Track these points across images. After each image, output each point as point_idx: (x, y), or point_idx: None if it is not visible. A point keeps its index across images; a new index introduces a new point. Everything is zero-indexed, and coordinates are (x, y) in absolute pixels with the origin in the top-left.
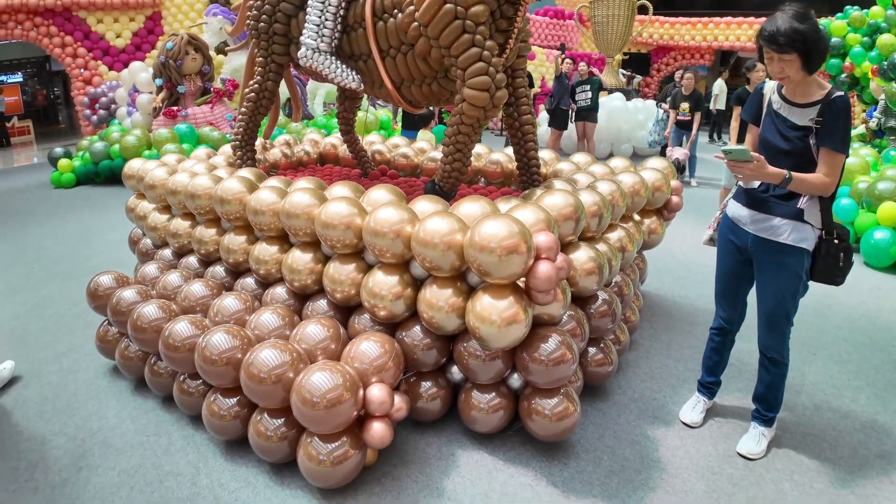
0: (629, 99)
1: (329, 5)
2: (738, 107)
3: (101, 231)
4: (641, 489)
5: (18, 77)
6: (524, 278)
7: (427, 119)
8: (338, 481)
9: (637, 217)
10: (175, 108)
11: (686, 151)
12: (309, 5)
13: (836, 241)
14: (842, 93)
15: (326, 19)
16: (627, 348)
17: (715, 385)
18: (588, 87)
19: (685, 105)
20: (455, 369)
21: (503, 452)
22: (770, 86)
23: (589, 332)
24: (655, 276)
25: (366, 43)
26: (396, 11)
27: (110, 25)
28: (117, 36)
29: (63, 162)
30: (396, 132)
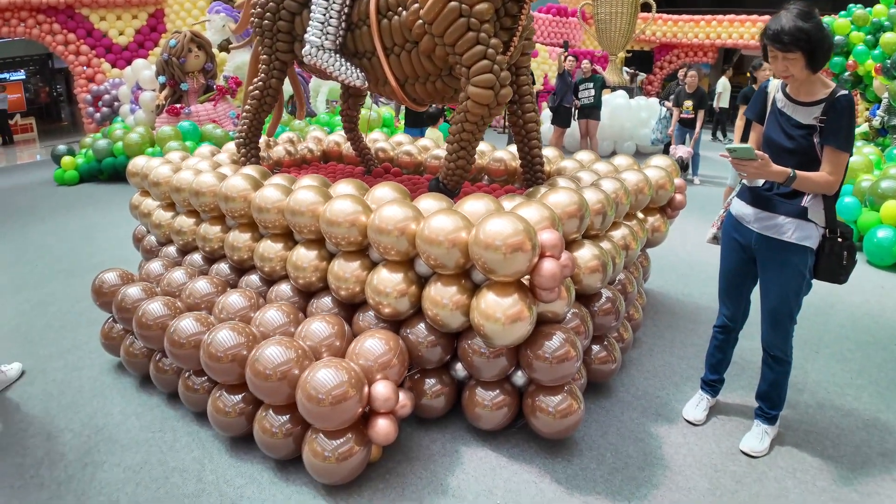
0: (632, 97)
1: (333, 3)
2: (744, 105)
3: (105, 228)
4: (645, 486)
5: (21, 74)
6: (529, 276)
7: (435, 117)
8: (343, 478)
9: (641, 215)
10: (178, 106)
11: (689, 149)
12: (313, 3)
13: (840, 240)
14: (846, 91)
15: (331, 17)
16: (631, 346)
17: (718, 383)
18: (591, 85)
19: (689, 103)
20: (459, 366)
21: (507, 449)
22: (774, 84)
23: (593, 330)
24: (659, 274)
25: (370, 40)
26: (401, 9)
27: (113, 23)
28: (120, 33)
29: (66, 159)
30: (399, 130)
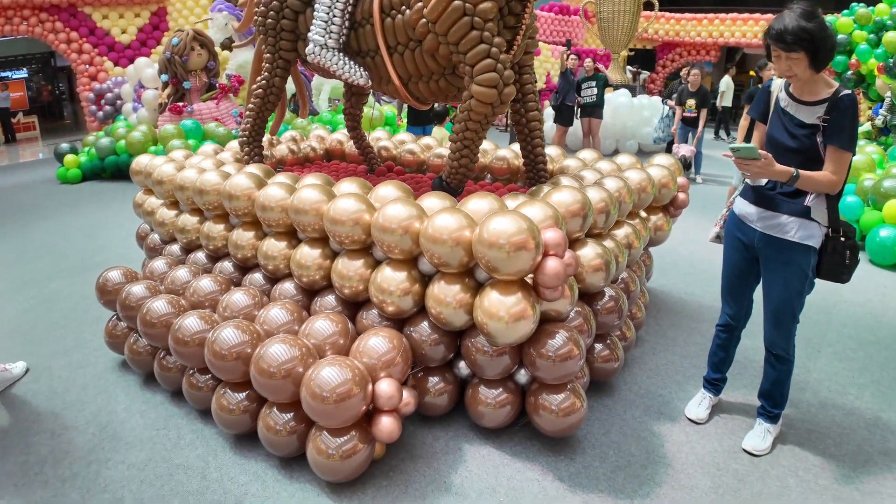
0: (635, 95)
1: (337, 1)
2: (750, 105)
3: (108, 226)
4: (647, 484)
5: (23, 73)
6: (532, 274)
7: (442, 115)
8: (346, 475)
9: (643, 214)
10: (181, 104)
11: (692, 148)
12: (317, 1)
13: (843, 239)
14: (849, 91)
15: (334, 15)
16: (633, 345)
17: (720, 381)
18: (593, 84)
19: (691, 102)
20: (462, 365)
21: (510, 447)
22: (777, 83)
23: (595, 329)
24: (661, 273)
25: (373, 39)
26: (404, 8)
27: (116, 21)
28: (122, 32)
29: (69, 158)
30: (401, 128)
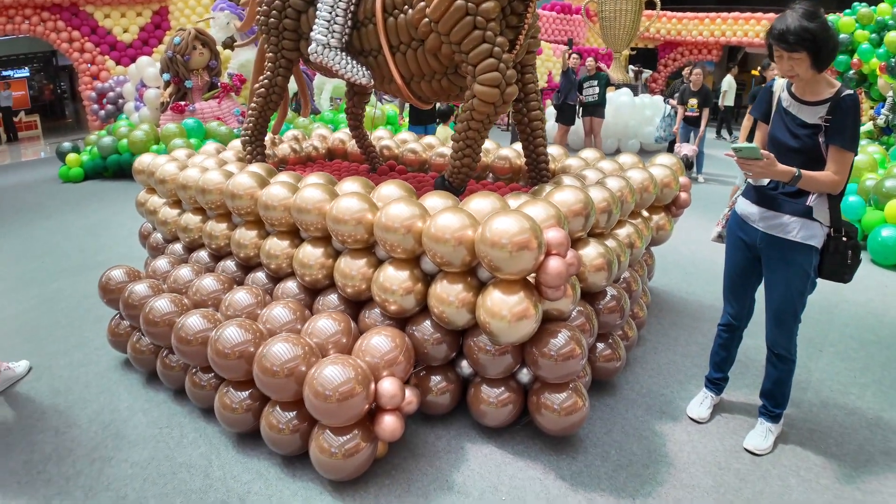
0: (636, 94)
1: (340, 1)
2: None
3: (110, 225)
4: (649, 483)
5: (25, 72)
6: (534, 274)
7: (447, 114)
8: (349, 474)
9: (645, 213)
10: (182, 103)
11: (694, 147)
12: (320, 1)
13: (845, 239)
14: (851, 91)
15: (337, 15)
16: (635, 344)
17: (722, 381)
18: (595, 83)
19: (693, 101)
20: (464, 364)
21: (512, 446)
22: (780, 83)
23: (598, 328)
24: (663, 273)
25: (376, 39)
26: (407, 7)
27: (117, 20)
28: (124, 31)
29: (71, 156)
30: (403, 127)
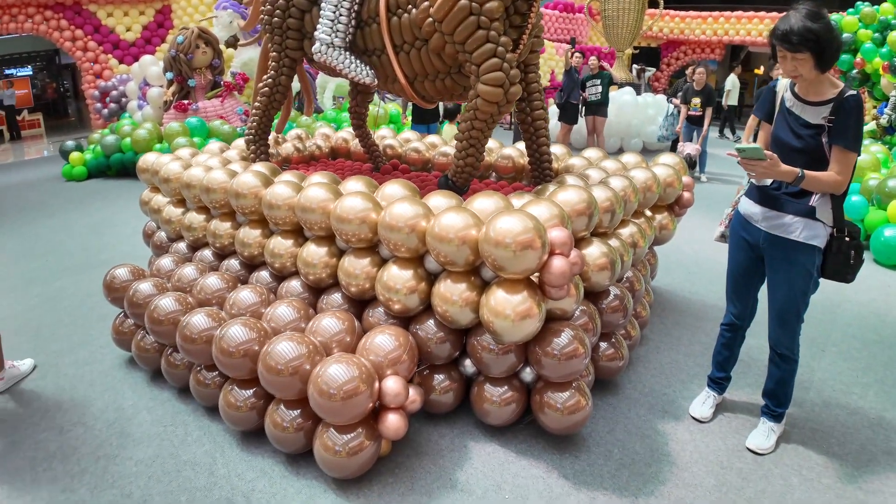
0: (639, 93)
1: (343, 0)
2: None
3: (114, 224)
4: (651, 482)
5: (28, 70)
6: (538, 273)
7: (454, 113)
8: (353, 472)
9: (649, 213)
10: (186, 102)
11: (697, 147)
12: (324, 0)
13: (848, 239)
14: (854, 92)
15: (341, 14)
16: (638, 343)
17: (725, 380)
18: (598, 82)
19: (696, 100)
20: (468, 362)
21: (515, 445)
22: (783, 84)
23: (601, 327)
24: (666, 272)
25: (380, 38)
26: (411, 7)
27: (120, 19)
28: (127, 29)
29: (75, 155)
30: (406, 126)
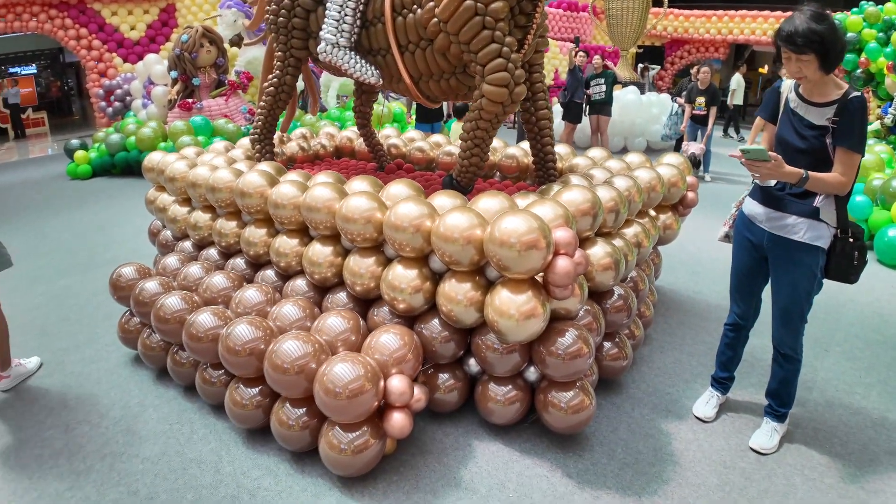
0: (643, 92)
1: (349, 0)
2: None
3: (118, 222)
4: (655, 482)
5: (32, 69)
6: (542, 273)
7: (462, 111)
8: (358, 470)
9: (653, 213)
10: (190, 101)
11: (702, 146)
12: (329, 0)
13: (851, 240)
14: (858, 93)
15: (346, 14)
16: (642, 343)
17: (728, 380)
18: (602, 81)
19: (701, 99)
20: (472, 362)
21: (519, 444)
22: (787, 84)
23: (605, 327)
24: (669, 272)
25: (385, 38)
26: (416, 7)
27: (124, 18)
28: (132, 28)
29: (79, 153)
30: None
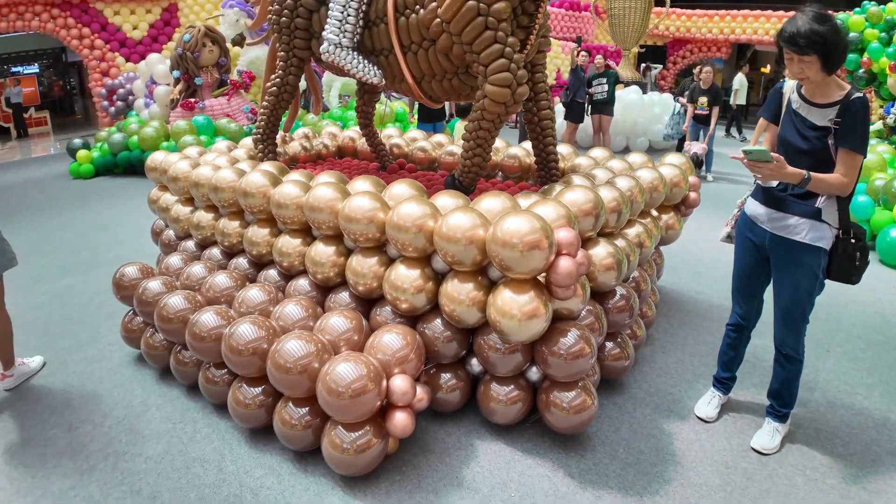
0: (645, 92)
1: (351, 0)
2: None
3: (121, 222)
4: (656, 482)
5: (35, 68)
6: (545, 273)
7: (466, 110)
8: (360, 469)
9: (655, 213)
10: (192, 100)
11: (704, 146)
12: (332, 0)
13: (853, 241)
14: (861, 94)
15: (349, 14)
16: (644, 343)
17: (730, 381)
18: (604, 80)
19: (703, 99)
20: (475, 361)
21: (521, 443)
22: (790, 85)
23: (607, 327)
24: (671, 271)
25: (387, 38)
26: (418, 7)
27: (127, 17)
28: (134, 27)
29: (82, 153)
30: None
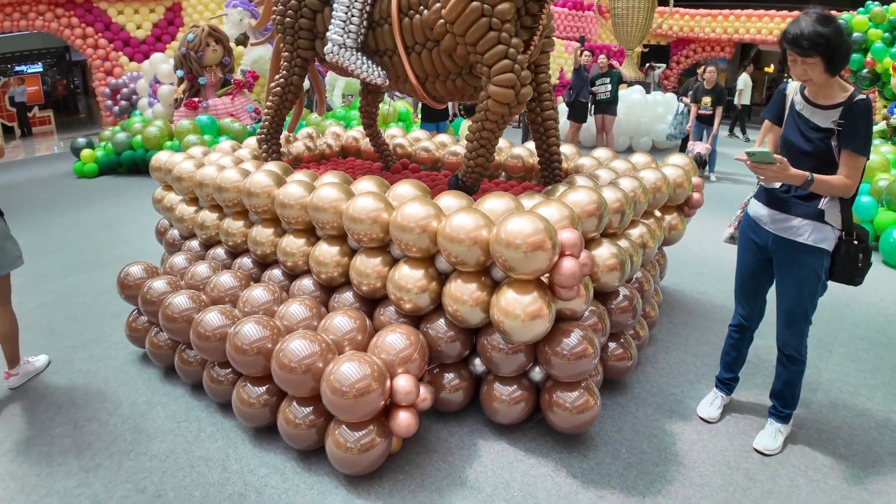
0: (648, 92)
1: (355, 1)
2: None
3: (125, 221)
4: (659, 482)
5: (39, 67)
6: (548, 274)
7: (471, 109)
8: (364, 468)
9: (658, 213)
10: (196, 100)
11: (707, 146)
12: (335, 1)
13: (856, 242)
14: (864, 95)
15: (353, 15)
16: (647, 343)
17: (733, 381)
18: (608, 80)
19: (707, 99)
20: (478, 361)
21: (524, 443)
22: (793, 87)
23: (610, 327)
24: (674, 272)
25: (391, 39)
26: (422, 8)
27: (130, 16)
28: (138, 27)
29: (86, 152)
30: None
